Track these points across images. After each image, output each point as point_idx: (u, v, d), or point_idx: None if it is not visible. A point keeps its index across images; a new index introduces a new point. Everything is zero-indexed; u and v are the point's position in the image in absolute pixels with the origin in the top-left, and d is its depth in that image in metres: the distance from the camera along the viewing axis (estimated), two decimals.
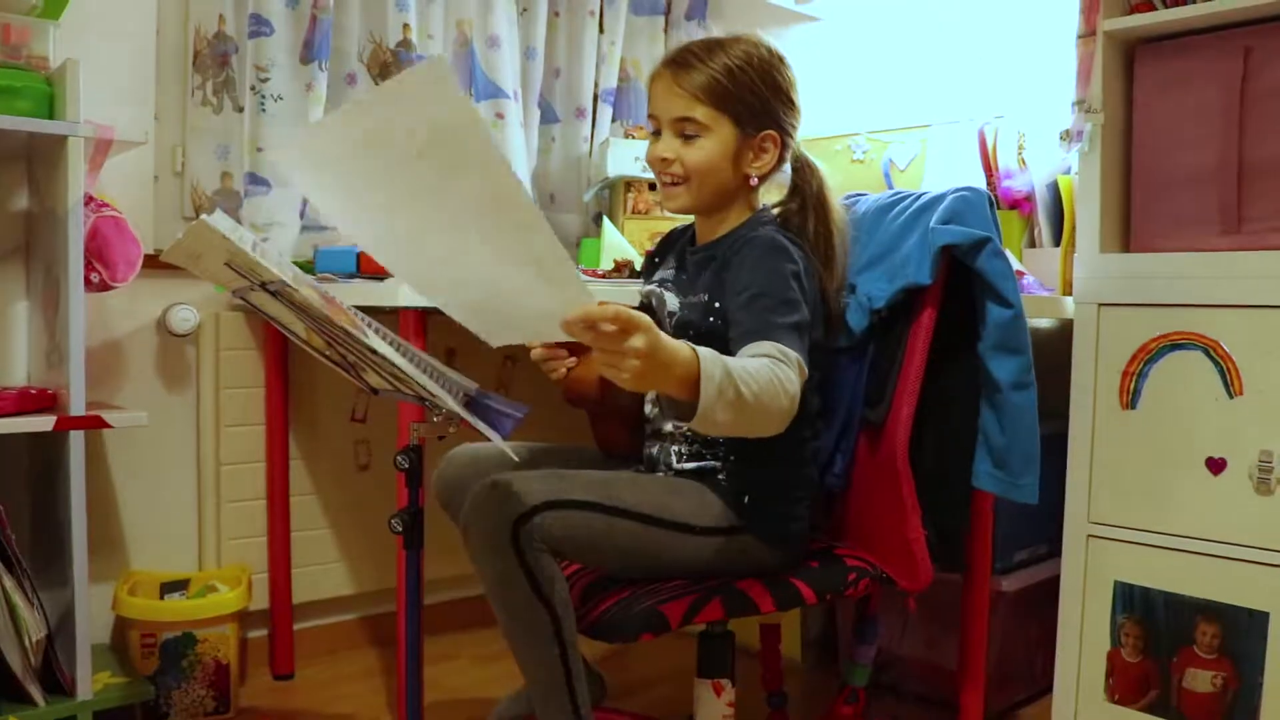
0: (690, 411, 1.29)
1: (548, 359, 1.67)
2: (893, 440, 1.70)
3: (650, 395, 1.75)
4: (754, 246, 1.61)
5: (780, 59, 1.68)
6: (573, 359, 1.69)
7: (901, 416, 1.70)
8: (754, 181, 1.69)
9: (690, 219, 1.80)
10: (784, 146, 1.69)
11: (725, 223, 1.71)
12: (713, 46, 1.63)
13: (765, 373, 1.37)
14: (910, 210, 1.81)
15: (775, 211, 1.75)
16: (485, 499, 1.45)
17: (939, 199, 1.78)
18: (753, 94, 1.63)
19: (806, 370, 1.49)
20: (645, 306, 1.76)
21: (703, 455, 1.67)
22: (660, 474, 1.71)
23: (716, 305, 1.62)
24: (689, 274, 1.74)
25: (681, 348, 1.26)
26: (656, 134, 1.68)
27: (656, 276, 1.82)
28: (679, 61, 1.64)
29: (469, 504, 1.46)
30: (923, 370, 1.72)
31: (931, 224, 1.73)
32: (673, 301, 1.72)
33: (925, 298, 1.72)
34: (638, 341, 1.17)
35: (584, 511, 1.49)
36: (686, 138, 1.64)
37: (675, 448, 1.69)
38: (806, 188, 1.73)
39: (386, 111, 1.06)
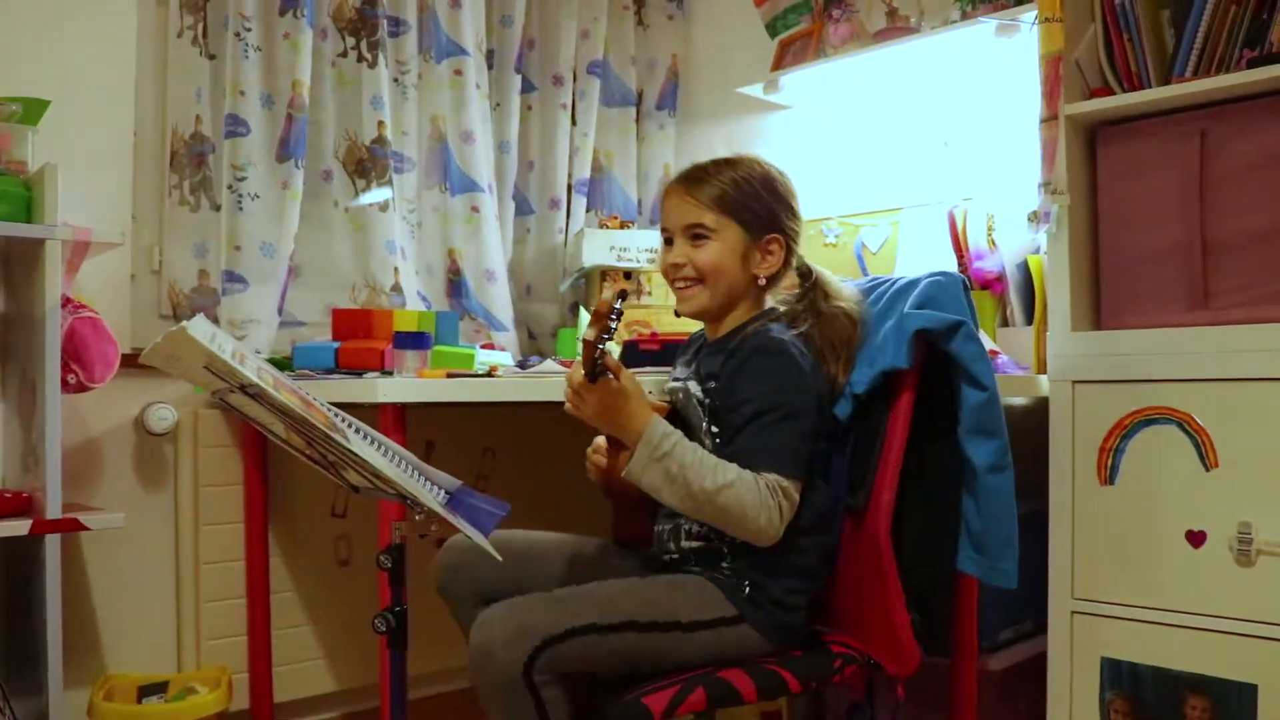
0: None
1: (597, 450, 1.77)
2: (875, 525, 1.70)
3: None
4: (758, 350, 1.67)
5: (782, 173, 1.80)
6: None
7: (883, 501, 1.70)
8: (762, 282, 1.76)
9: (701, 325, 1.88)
10: (789, 250, 1.78)
11: (733, 320, 1.78)
12: (721, 164, 1.77)
13: (734, 486, 1.54)
14: (887, 295, 1.84)
15: (782, 309, 1.80)
16: (491, 642, 1.47)
17: (913, 284, 1.81)
18: (758, 202, 1.74)
19: (796, 497, 1.60)
20: (672, 405, 1.81)
21: (709, 536, 1.69)
22: (666, 558, 1.74)
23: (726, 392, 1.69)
24: (704, 366, 1.78)
25: (646, 412, 1.58)
26: (669, 244, 1.78)
27: (678, 374, 1.86)
28: (690, 177, 1.77)
29: (474, 647, 1.48)
30: (903, 454, 1.72)
31: (906, 309, 1.76)
32: (697, 390, 1.75)
33: (903, 382, 1.73)
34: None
35: (587, 636, 1.52)
36: (696, 242, 1.74)
37: (686, 526, 1.72)
38: (813, 293, 1.81)
39: None
